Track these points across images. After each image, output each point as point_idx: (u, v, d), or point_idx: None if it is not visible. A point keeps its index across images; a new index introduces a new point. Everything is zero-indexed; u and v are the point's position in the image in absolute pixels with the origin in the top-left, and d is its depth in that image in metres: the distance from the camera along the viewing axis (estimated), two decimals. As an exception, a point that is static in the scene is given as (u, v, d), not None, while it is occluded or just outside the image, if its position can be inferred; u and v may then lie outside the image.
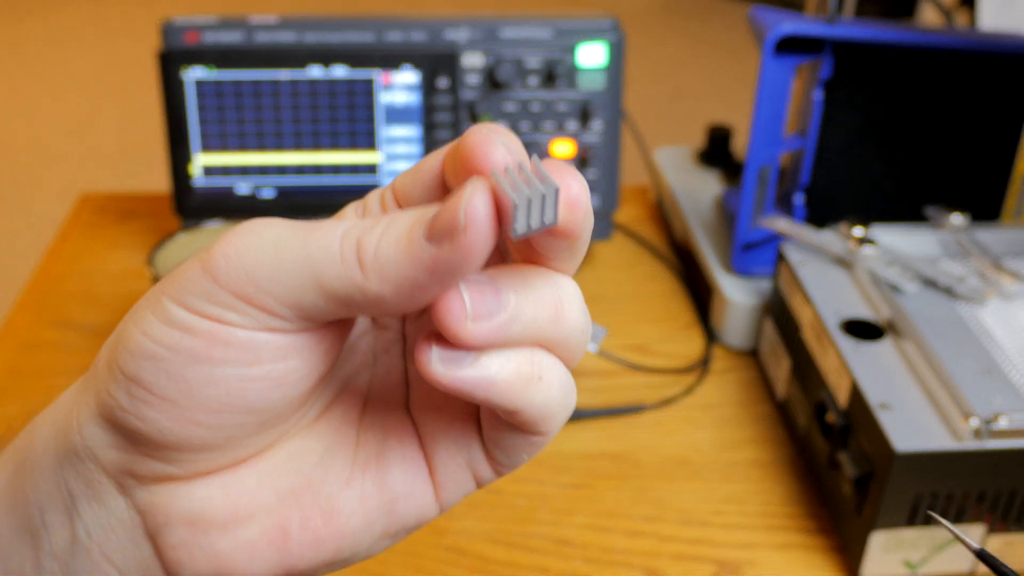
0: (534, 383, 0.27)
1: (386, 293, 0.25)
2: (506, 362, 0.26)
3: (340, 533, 0.29)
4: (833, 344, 0.61)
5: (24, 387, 0.69)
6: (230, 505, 0.28)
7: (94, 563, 0.28)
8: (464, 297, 0.25)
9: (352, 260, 0.25)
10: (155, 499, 0.28)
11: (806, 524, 0.61)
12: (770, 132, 0.73)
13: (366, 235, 0.25)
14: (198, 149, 0.78)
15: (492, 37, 0.77)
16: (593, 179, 0.80)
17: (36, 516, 0.29)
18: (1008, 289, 0.64)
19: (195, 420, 0.26)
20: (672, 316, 0.80)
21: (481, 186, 0.24)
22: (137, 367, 0.26)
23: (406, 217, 0.25)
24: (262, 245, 0.25)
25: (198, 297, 0.26)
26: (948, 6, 0.95)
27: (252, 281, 0.25)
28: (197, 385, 0.26)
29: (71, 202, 0.94)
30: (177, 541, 0.28)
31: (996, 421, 0.53)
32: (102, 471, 0.28)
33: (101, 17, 3.08)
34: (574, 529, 0.60)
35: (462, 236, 0.24)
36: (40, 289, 0.80)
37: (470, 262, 0.24)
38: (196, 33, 0.76)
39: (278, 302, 0.25)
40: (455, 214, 0.24)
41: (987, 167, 0.77)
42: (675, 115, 2.59)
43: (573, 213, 0.25)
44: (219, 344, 0.26)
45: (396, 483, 0.29)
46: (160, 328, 0.26)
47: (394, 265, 0.25)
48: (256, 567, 0.28)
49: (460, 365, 0.26)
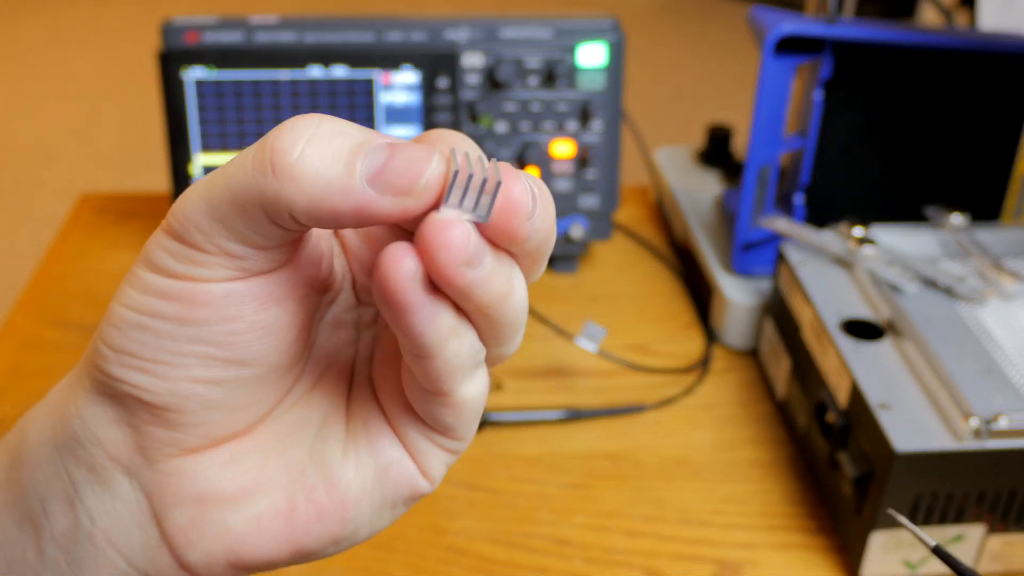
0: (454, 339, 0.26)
1: (298, 204, 0.24)
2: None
3: (343, 503, 0.29)
4: (833, 344, 0.61)
5: (24, 387, 0.70)
6: (238, 480, 0.28)
7: (98, 550, 0.28)
8: (469, 234, 0.24)
9: (264, 165, 0.24)
10: (163, 478, 0.28)
11: (806, 524, 0.61)
12: (770, 132, 0.73)
13: (282, 138, 0.24)
14: (198, 149, 0.78)
15: (492, 37, 0.77)
16: (593, 179, 0.80)
17: (36, 507, 0.29)
18: (1008, 289, 0.64)
19: (191, 377, 0.27)
20: (672, 316, 0.80)
21: (440, 159, 0.24)
22: (124, 338, 0.27)
23: (342, 135, 0.25)
24: (197, 191, 0.26)
25: (164, 256, 0.26)
26: (948, 6, 0.95)
27: (197, 227, 0.26)
28: (187, 344, 0.26)
29: (71, 202, 0.94)
30: (187, 521, 0.28)
31: (996, 421, 0.53)
32: (105, 454, 0.28)
33: (101, 17, 3.08)
34: (574, 529, 0.60)
35: (410, 199, 0.24)
36: (40, 289, 0.80)
37: (398, 219, 0.25)
38: (196, 33, 0.76)
39: (224, 239, 0.26)
40: (416, 176, 0.24)
41: (987, 167, 0.77)
42: (675, 115, 2.59)
43: (510, 215, 0.25)
44: (199, 305, 0.26)
45: (385, 450, 0.30)
46: (139, 297, 0.26)
47: (319, 185, 0.24)
48: (265, 544, 0.28)
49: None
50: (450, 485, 0.63)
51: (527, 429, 0.68)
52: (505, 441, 0.67)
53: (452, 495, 0.62)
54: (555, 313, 0.77)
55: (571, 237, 0.81)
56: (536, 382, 0.72)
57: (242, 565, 0.29)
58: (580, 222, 0.81)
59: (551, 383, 0.72)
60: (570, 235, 0.81)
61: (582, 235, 0.81)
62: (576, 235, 0.81)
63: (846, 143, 0.76)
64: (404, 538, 0.59)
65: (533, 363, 0.73)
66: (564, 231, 0.82)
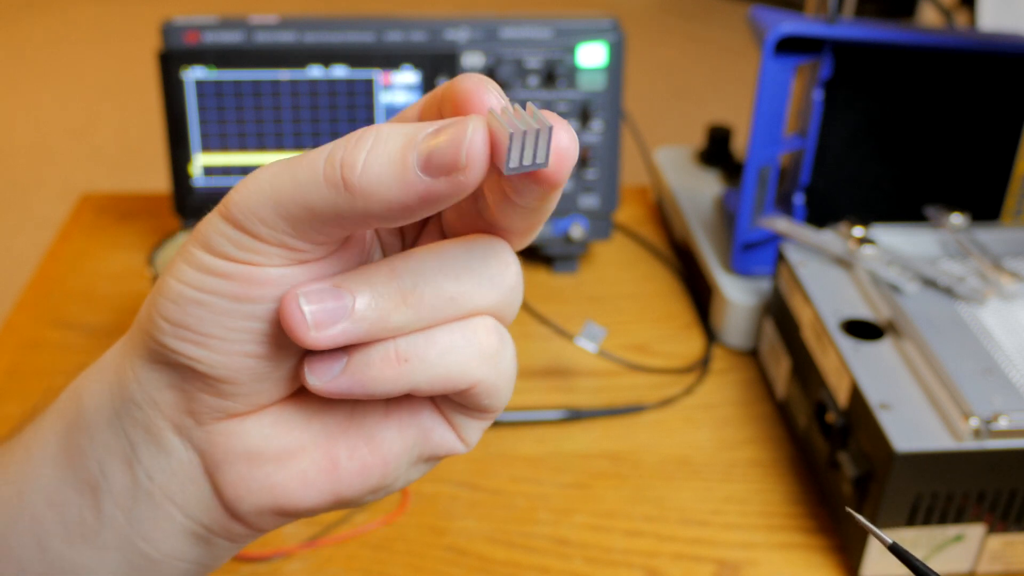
0: (404, 365, 0.28)
1: (373, 211, 0.26)
2: (371, 358, 0.28)
3: (384, 460, 0.30)
4: (833, 344, 0.61)
5: (24, 387, 0.70)
6: (283, 440, 0.30)
7: (156, 504, 0.30)
8: (303, 309, 0.27)
9: (336, 182, 0.26)
10: (212, 438, 0.30)
11: (806, 524, 0.61)
12: (770, 132, 0.73)
13: (349, 154, 0.26)
14: (198, 149, 0.78)
15: (492, 37, 0.77)
16: (593, 179, 0.80)
17: (94, 468, 0.30)
18: (1008, 289, 0.64)
19: (244, 352, 0.28)
20: (672, 316, 0.80)
21: (481, 124, 0.25)
22: (181, 312, 0.28)
23: (396, 137, 0.26)
24: (261, 185, 0.27)
25: (222, 242, 0.27)
26: (948, 6, 0.95)
27: (263, 222, 0.27)
28: (243, 321, 0.28)
29: (71, 202, 0.94)
30: (235, 477, 0.30)
31: (996, 421, 0.53)
32: (160, 415, 0.29)
33: (101, 17, 3.08)
34: (574, 529, 0.60)
35: (461, 174, 0.25)
36: (40, 289, 0.80)
37: (461, 195, 0.25)
38: (196, 33, 0.76)
39: (288, 235, 0.27)
40: (457, 151, 0.25)
41: (987, 167, 0.77)
42: (675, 115, 2.59)
43: (562, 160, 0.26)
44: (256, 284, 0.27)
45: (424, 417, 0.31)
46: (196, 275, 0.27)
47: (385, 190, 0.26)
48: (310, 496, 0.30)
49: (331, 372, 0.28)
50: (450, 485, 0.63)
51: (527, 429, 0.68)
52: (505, 441, 0.67)
53: (452, 495, 0.62)
54: (555, 313, 0.77)
55: (571, 237, 0.81)
56: (536, 382, 0.72)
57: (288, 513, 0.30)
58: (580, 222, 0.81)
59: (551, 383, 0.72)
60: (570, 235, 0.81)
61: (582, 235, 0.81)
62: (576, 235, 0.81)
63: (846, 143, 0.76)
64: (404, 538, 0.59)
65: (533, 363, 0.74)
66: (564, 231, 0.82)
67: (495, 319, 0.29)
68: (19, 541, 0.31)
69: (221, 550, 0.32)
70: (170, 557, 0.31)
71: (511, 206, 0.28)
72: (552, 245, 0.83)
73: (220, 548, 0.32)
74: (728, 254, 0.78)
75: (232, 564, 0.57)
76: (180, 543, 0.31)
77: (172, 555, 0.31)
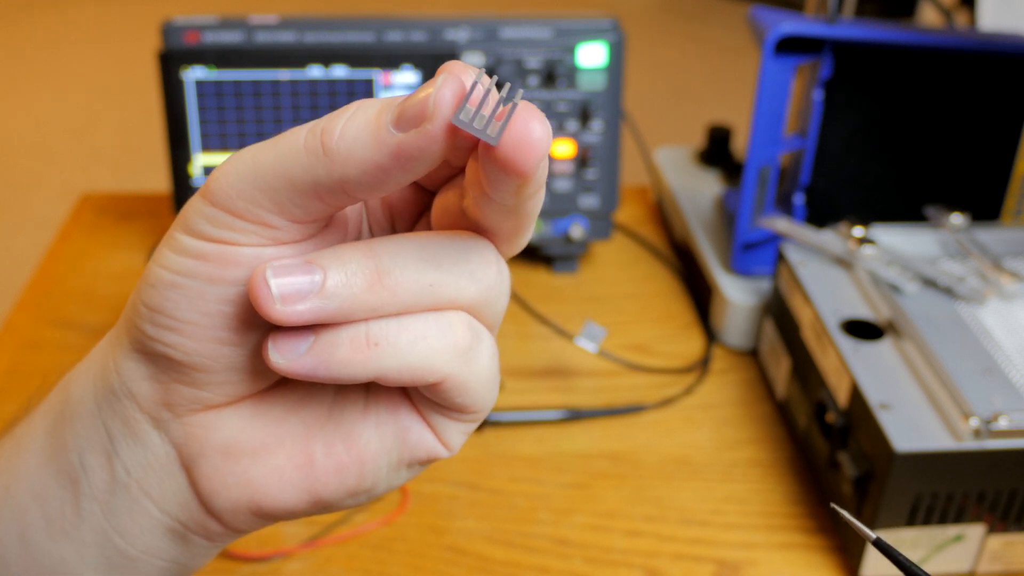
0: (374, 349, 0.27)
1: (350, 175, 0.26)
2: (339, 339, 0.27)
3: (361, 459, 0.30)
4: (833, 344, 0.61)
5: (24, 387, 0.70)
6: (259, 434, 0.30)
7: (133, 499, 0.30)
8: (269, 282, 0.26)
9: (316, 148, 0.26)
10: (188, 431, 0.30)
11: (806, 524, 0.61)
12: (770, 132, 0.73)
13: (330, 122, 0.26)
14: (198, 149, 0.78)
15: (492, 37, 0.77)
16: (593, 179, 0.80)
17: (75, 462, 0.30)
18: (1008, 289, 0.64)
19: (218, 338, 0.28)
20: (672, 316, 0.80)
21: (452, 79, 0.25)
22: (159, 297, 0.28)
23: (374, 104, 0.26)
24: (244, 163, 0.27)
25: (201, 222, 0.27)
26: (948, 6, 0.95)
27: (240, 196, 0.27)
28: (216, 304, 0.28)
29: (71, 202, 0.94)
30: (211, 470, 0.30)
31: (996, 421, 0.53)
32: (138, 408, 0.30)
33: (101, 17, 3.08)
34: (574, 529, 0.60)
35: (428, 124, 0.25)
36: (40, 289, 0.80)
37: (433, 150, 0.25)
38: (196, 33, 0.76)
39: (267, 211, 0.27)
40: (424, 102, 0.25)
41: (987, 167, 0.77)
42: (675, 115, 2.59)
43: (517, 143, 0.25)
44: (230, 265, 0.27)
45: (403, 417, 0.30)
46: (174, 258, 0.28)
47: (360, 149, 0.26)
48: (286, 493, 0.30)
49: (296, 351, 0.27)
50: (450, 485, 0.63)
51: (527, 429, 0.68)
52: (505, 441, 0.67)
53: (452, 495, 0.62)
54: (555, 313, 0.77)
55: (571, 237, 0.81)
56: (536, 382, 0.72)
57: (263, 513, 0.30)
58: (580, 222, 0.81)
59: (551, 383, 0.72)
60: (570, 235, 0.81)
61: (582, 235, 0.81)
62: (576, 235, 0.81)
63: (846, 143, 0.76)
64: (404, 538, 0.59)
65: (533, 363, 0.74)
66: (564, 231, 0.82)
67: (473, 316, 0.29)
68: (3, 534, 0.31)
69: (199, 549, 0.32)
70: (147, 554, 0.31)
71: (488, 202, 0.27)
72: (552, 245, 0.83)
73: (197, 547, 0.32)
74: (728, 254, 0.78)
75: (232, 564, 0.57)
76: (156, 539, 0.31)
77: (149, 552, 0.31)
